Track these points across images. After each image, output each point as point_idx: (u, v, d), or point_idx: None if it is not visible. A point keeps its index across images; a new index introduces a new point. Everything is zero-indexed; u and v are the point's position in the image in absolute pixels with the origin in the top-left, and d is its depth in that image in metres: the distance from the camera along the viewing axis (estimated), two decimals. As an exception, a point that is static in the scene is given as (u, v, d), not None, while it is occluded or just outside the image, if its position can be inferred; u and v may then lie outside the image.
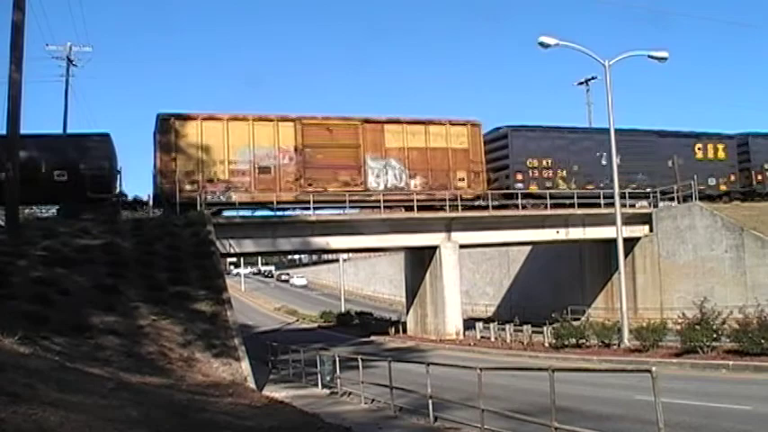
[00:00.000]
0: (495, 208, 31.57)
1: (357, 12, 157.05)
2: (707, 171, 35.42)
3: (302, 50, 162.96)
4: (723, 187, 35.87)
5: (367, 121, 30.20)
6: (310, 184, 28.60)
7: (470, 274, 48.09)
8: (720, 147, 36.62)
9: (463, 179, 30.84)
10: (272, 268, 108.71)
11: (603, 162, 32.42)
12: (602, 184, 32.35)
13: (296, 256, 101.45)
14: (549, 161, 32.83)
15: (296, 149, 28.77)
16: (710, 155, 36.11)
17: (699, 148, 35.91)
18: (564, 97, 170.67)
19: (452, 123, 31.25)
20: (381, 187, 29.61)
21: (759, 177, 36.94)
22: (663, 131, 36.05)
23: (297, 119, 29.27)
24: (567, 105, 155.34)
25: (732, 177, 36.26)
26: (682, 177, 33.57)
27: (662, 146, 34.98)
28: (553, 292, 36.90)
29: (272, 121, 28.90)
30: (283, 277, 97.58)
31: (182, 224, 23.42)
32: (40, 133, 26.50)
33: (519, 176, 32.09)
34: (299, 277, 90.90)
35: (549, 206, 32.17)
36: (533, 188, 32.10)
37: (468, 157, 31.03)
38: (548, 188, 32.24)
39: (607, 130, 32.10)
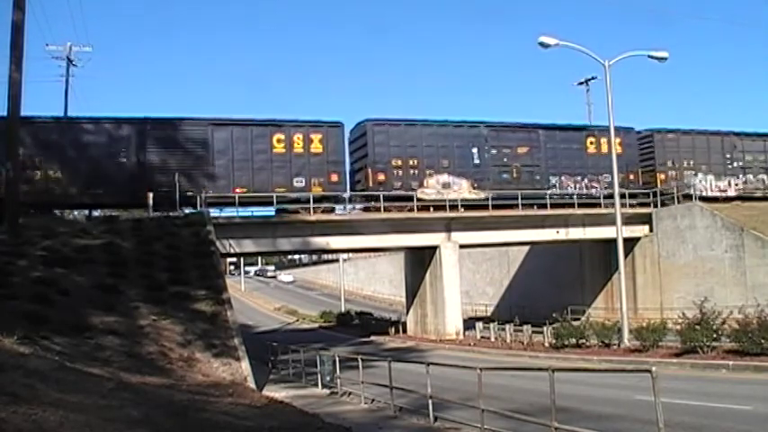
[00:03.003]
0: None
1: (357, 13, 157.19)
2: (295, 167, 28.64)
3: (303, 52, 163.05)
4: (318, 189, 28.64)
5: None
6: None
7: (470, 274, 48.10)
8: (317, 138, 29.08)
9: None
10: (272, 268, 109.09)
11: (124, 159, 26.84)
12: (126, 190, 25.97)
13: (296, 257, 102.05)
14: (38, 160, 25.87)
15: None
16: (299, 148, 28.83)
17: (279, 141, 28.86)
18: (564, 97, 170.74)
19: None
20: None
21: (377, 178, 29.91)
22: (220, 120, 28.58)
23: None
24: (567, 105, 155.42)
25: (335, 177, 29.14)
26: (245, 174, 27.88)
27: (218, 137, 28.08)
28: (553, 292, 36.90)
29: None
30: (269, 274, 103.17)
31: (181, 224, 23.43)
32: None
33: None
34: (285, 275, 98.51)
35: (548, 206, 32.20)
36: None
37: None
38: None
39: (132, 119, 26.92)
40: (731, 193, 35.70)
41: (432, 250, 31.91)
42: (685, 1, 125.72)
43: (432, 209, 30.74)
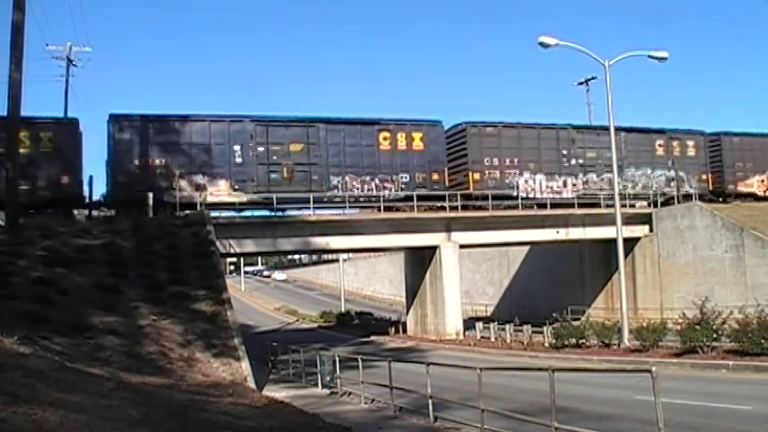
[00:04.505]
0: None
1: (357, 14, 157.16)
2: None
3: (303, 53, 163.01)
4: (46, 192, 25.21)
5: None
6: None
7: (470, 274, 48.11)
8: (46, 136, 25.70)
9: None
10: (271, 267, 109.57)
11: None
12: None
13: (296, 256, 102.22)
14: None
15: None
16: (24, 148, 24.36)
17: None
18: (564, 97, 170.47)
19: None
20: None
21: (118, 180, 26.25)
22: None
23: None
24: (567, 105, 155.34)
25: (66, 179, 25.71)
26: None
27: None
28: (553, 292, 36.89)
29: None
30: (265, 273, 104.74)
31: (181, 224, 23.42)
32: None
33: None
34: (279, 273, 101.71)
35: (548, 206, 32.19)
36: None
37: None
38: None
39: None
40: (567, 194, 32.52)
41: (432, 250, 31.89)
42: (685, 1, 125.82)
43: (432, 209, 30.74)
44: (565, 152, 32.90)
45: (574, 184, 32.87)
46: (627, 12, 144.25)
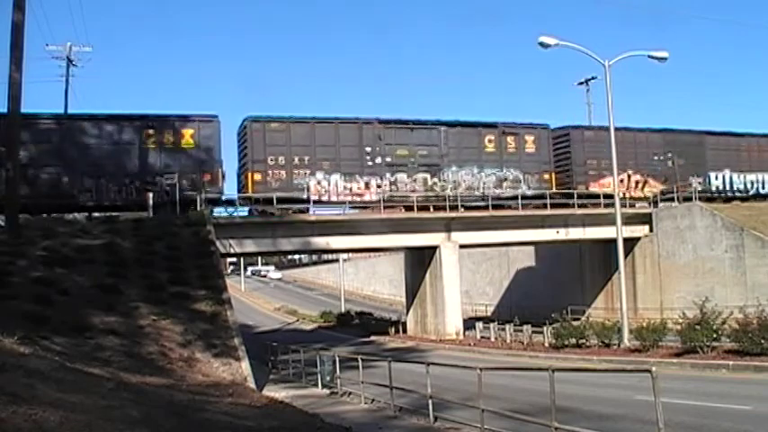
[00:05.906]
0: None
1: (356, 14, 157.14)
2: None
3: (303, 53, 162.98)
4: None
5: None
6: None
7: (470, 274, 48.12)
8: None
9: None
10: (272, 268, 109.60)
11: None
12: None
13: (296, 257, 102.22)
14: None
15: None
16: None
17: None
18: (564, 97, 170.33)
19: None
20: None
21: None
22: None
23: None
24: (567, 105, 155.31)
25: None
26: None
27: None
28: (553, 292, 36.89)
29: None
30: (262, 272, 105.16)
31: (181, 224, 23.43)
32: None
33: None
34: (274, 272, 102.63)
35: (548, 206, 32.19)
36: None
37: None
38: None
39: None
40: (370, 196, 29.61)
41: (432, 250, 31.90)
42: (685, 1, 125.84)
43: (431, 209, 30.74)
44: (369, 149, 29.88)
45: (378, 186, 29.85)
46: (627, 12, 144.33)
